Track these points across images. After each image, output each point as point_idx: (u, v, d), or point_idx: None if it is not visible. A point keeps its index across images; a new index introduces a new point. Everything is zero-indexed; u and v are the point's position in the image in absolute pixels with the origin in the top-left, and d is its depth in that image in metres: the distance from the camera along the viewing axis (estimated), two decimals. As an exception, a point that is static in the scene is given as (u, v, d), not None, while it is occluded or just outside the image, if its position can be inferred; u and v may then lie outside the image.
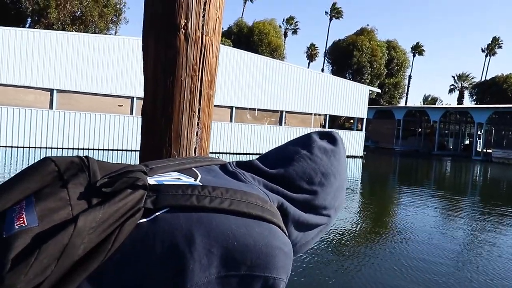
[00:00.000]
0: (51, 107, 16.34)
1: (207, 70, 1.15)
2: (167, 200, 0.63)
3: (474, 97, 59.06)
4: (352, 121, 27.48)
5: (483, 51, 67.43)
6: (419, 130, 42.11)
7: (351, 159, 23.51)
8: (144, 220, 0.61)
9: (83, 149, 16.77)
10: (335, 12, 63.79)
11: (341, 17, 64.46)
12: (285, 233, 0.69)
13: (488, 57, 66.92)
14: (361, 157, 24.96)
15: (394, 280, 4.81)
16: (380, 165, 24.16)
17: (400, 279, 4.82)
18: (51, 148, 16.23)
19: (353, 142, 24.79)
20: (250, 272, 0.61)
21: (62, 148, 16.41)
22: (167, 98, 1.11)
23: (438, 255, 5.93)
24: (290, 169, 0.79)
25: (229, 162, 0.83)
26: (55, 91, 16.30)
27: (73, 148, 16.64)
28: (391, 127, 39.37)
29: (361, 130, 25.92)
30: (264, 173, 0.78)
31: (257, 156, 0.88)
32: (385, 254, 5.83)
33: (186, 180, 0.70)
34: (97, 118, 17.16)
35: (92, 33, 30.75)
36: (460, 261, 5.82)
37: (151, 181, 0.67)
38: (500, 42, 66.70)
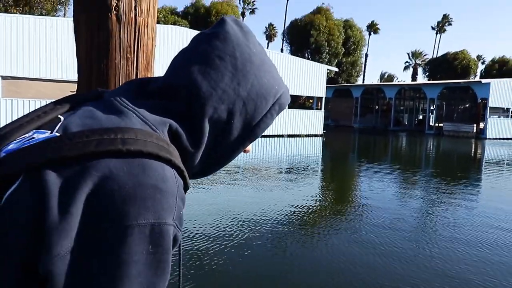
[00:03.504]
0: (-3, 95, 15.39)
1: (143, 52, 1.13)
2: (13, 166, 0.52)
3: (427, 74, 61.52)
4: (311, 100, 27.85)
5: (433, 28, 69.90)
6: (376, 107, 43.44)
7: (311, 138, 23.95)
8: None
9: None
10: (292, -9, 63.46)
11: (298, -4, 64.33)
12: (176, 165, 0.58)
13: (439, 35, 69.58)
14: (321, 135, 25.50)
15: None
16: (340, 142, 24.78)
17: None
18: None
19: (313, 121, 25.21)
20: (119, 224, 0.49)
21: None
22: (102, 82, 1.08)
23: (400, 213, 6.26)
24: (171, 77, 0.68)
25: (106, 91, 0.73)
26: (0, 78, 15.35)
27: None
28: (350, 105, 40.36)
29: (320, 109, 26.37)
30: (149, 90, 0.68)
31: None
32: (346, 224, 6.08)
33: (40, 136, 0.57)
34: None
35: (39, 15, 28.96)
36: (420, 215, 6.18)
37: (0, 154, 0.57)
38: (450, 19, 69.31)
